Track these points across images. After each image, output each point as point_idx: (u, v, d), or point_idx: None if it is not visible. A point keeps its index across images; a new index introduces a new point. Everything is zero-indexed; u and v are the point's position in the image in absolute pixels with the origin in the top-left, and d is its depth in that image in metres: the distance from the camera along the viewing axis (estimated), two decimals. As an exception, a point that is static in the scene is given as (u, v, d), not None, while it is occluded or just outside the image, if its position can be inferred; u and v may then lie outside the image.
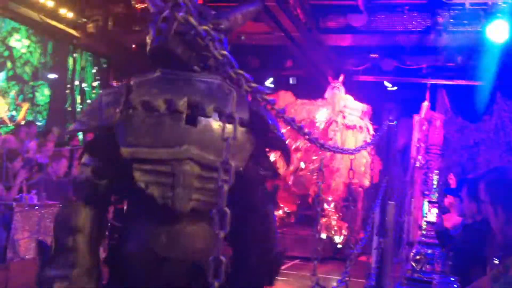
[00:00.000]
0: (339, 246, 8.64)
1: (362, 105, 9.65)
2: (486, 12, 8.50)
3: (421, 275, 2.98)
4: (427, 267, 3.35)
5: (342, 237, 8.69)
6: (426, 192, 9.57)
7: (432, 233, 6.19)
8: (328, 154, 5.21)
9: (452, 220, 5.73)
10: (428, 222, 7.89)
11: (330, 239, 8.83)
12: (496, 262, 2.37)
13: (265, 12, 7.73)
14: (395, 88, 11.00)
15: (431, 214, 6.82)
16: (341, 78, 10.00)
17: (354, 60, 10.29)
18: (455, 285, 2.45)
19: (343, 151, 2.36)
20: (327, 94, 9.87)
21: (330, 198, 8.96)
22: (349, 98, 9.76)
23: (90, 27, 9.50)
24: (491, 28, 8.72)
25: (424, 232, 6.52)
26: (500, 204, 2.15)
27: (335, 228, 8.74)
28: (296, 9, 8.34)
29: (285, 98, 9.68)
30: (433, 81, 10.13)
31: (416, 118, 9.31)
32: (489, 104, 9.80)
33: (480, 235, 3.16)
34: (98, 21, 9.51)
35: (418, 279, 3.00)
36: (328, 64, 10.16)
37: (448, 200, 7.00)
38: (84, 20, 9.43)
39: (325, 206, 8.86)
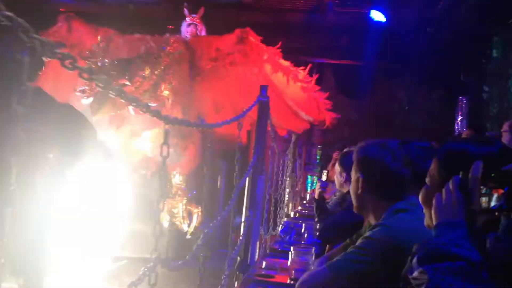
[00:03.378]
0: (188, 236, 6.66)
1: None
2: (370, -7, 8.90)
3: (288, 245, 3.07)
4: (295, 237, 3.47)
5: (193, 225, 6.74)
6: (310, 166, 10.02)
7: (312, 204, 6.48)
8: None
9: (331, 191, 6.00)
10: (310, 194, 8.26)
11: (176, 229, 6.87)
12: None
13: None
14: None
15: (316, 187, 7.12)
16: (201, 11, 7.48)
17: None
18: (313, 253, 2.54)
19: (205, 124, 2.29)
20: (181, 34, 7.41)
21: (175, 174, 6.81)
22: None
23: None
24: (374, 10, 9.20)
25: (303, 205, 6.81)
26: (364, 173, 2.22)
27: (183, 214, 6.75)
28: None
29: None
30: (320, 60, 10.47)
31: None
32: (370, 83, 10.35)
33: (347, 205, 3.31)
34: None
35: (284, 249, 3.09)
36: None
37: (330, 172, 7.35)
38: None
39: (173, 182, 6.80)
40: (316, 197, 4.22)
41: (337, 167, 3.69)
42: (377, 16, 9.28)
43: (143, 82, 6.47)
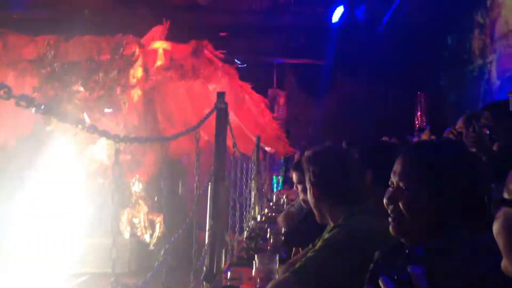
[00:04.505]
0: (151, 247, 6.33)
1: None
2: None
3: (253, 252, 3.03)
4: (261, 243, 3.44)
5: (155, 235, 6.40)
6: (274, 166, 10.01)
7: (279, 207, 6.43)
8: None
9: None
10: (276, 195, 8.22)
11: (138, 240, 6.52)
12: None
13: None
14: (245, 65, 11.22)
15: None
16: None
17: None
18: (277, 260, 2.52)
19: (158, 139, 2.20)
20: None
21: (135, 182, 6.47)
22: None
23: None
24: (331, 10, 9.33)
25: (269, 207, 6.73)
26: (314, 181, 2.21)
27: (145, 224, 6.41)
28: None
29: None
30: (280, 60, 10.49)
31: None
32: (331, 82, 10.43)
33: (309, 209, 3.29)
34: None
35: (250, 256, 3.06)
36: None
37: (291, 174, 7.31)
38: None
39: (133, 190, 6.46)
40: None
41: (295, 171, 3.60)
42: (334, 15, 9.39)
43: (97, 87, 6.21)
